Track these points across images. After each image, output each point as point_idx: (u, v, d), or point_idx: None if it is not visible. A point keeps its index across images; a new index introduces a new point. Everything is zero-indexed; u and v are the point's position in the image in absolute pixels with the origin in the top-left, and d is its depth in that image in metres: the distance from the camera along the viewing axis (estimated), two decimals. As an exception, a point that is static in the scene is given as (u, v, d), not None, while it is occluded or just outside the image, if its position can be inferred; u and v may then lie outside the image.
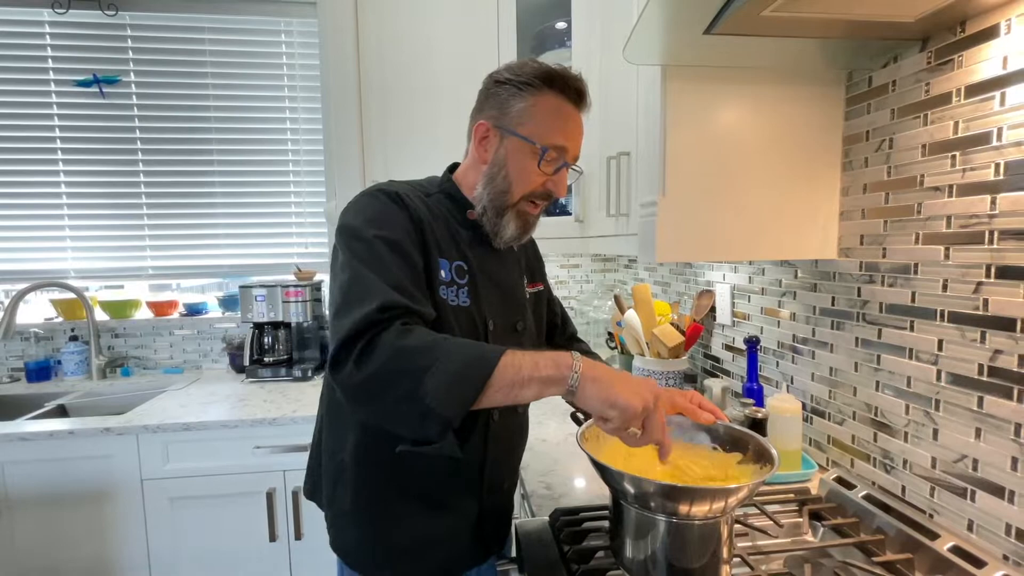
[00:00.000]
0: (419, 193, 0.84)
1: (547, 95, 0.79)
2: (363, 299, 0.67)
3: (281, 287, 1.90)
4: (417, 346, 0.64)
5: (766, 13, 0.69)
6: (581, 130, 0.83)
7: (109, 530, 1.48)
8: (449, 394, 0.61)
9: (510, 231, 0.83)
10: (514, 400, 0.65)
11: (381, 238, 0.73)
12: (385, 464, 0.81)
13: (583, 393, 0.63)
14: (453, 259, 0.81)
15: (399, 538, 0.83)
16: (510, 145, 0.81)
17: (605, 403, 0.62)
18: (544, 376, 0.64)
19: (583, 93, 0.81)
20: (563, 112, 0.80)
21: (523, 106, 0.80)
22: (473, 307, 0.81)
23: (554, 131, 0.79)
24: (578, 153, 0.84)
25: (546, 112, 0.79)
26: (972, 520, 0.75)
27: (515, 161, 0.81)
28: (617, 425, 0.63)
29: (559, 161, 0.81)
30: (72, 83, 2.00)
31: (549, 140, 0.79)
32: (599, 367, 0.66)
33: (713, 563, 0.66)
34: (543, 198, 0.83)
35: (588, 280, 2.26)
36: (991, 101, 0.71)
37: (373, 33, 1.65)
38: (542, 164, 0.80)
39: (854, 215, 0.95)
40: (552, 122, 0.80)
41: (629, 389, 0.62)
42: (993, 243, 0.71)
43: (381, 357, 0.63)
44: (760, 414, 1.02)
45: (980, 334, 0.73)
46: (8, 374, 1.99)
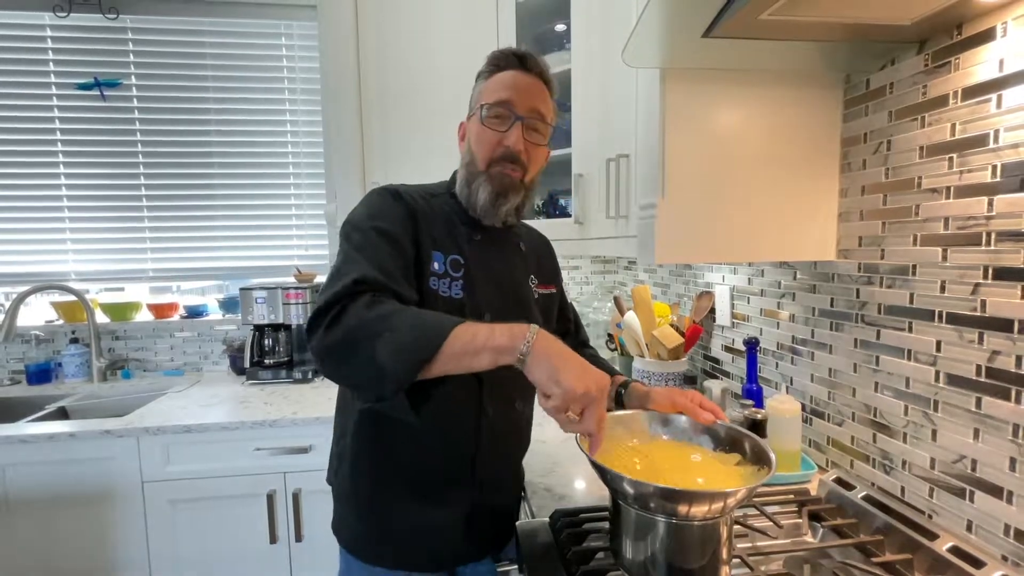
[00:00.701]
0: (424, 194, 0.88)
1: (495, 75, 0.86)
2: (344, 274, 0.72)
3: (281, 289, 1.90)
4: (381, 313, 0.68)
5: (764, 17, 0.69)
6: (530, 86, 0.85)
7: (109, 532, 1.48)
8: (401, 356, 0.65)
9: (483, 196, 0.85)
10: (468, 368, 0.67)
11: (375, 228, 0.78)
12: (381, 450, 0.84)
13: (531, 364, 0.64)
14: (449, 252, 0.84)
15: (392, 524, 0.85)
16: (470, 124, 0.89)
17: (550, 379, 0.63)
18: (497, 345, 0.65)
19: (525, 57, 0.85)
20: (506, 77, 0.85)
21: (477, 92, 0.88)
22: (466, 299, 0.83)
23: (494, 92, 0.84)
24: (533, 108, 0.85)
25: (489, 86, 0.86)
26: (971, 520, 0.75)
27: (472, 132, 0.88)
28: (557, 404, 0.63)
29: (506, 116, 0.83)
30: (73, 86, 2.00)
31: (488, 99, 0.84)
32: (556, 344, 0.66)
33: (713, 564, 0.66)
34: (506, 159, 0.84)
35: (588, 282, 2.26)
36: (988, 103, 0.71)
37: (373, 37, 1.65)
38: (485, 120, 0.84)
39: (852, 216, 0.95)
40: (493, 88, 0.85)
41: (574, 371, 0.63)
42: (991, 244, 0.71)
43: (348, 323, 0.67)
44: (760, 415, 1.02)
45: (978, 335, 0.73)
46: (9, 376, 1.99)
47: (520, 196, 0.87)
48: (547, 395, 0.64)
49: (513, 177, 0.85)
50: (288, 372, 1.93)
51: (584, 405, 0.63)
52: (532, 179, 0.89)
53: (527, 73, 0.85)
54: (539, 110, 0.85)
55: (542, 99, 0.86)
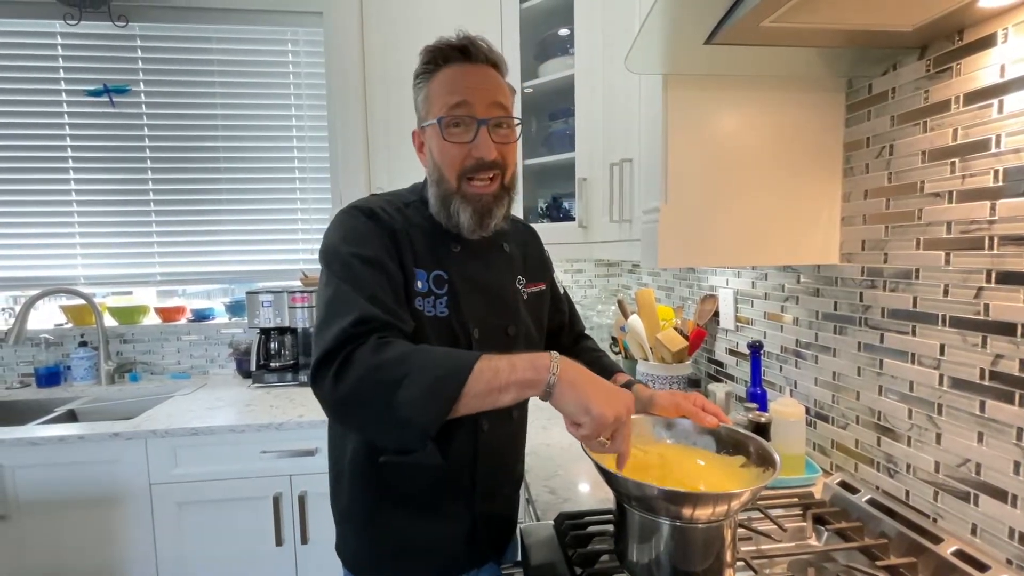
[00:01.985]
0: (397, 204, 0.83)
1: (437, 74, 0.78)
2: (341, 314, 0.68)
3: (287, 293, 1.92)
4: (392, 358, 0.64)
5: (766, 23, 0.70)
6: (485, 79, 0.78)
7: (117, 534, 1.50)
8: (424, 404, 0.62)
9: (466, 219, 0.79)
10: (493, 404, 0.64)
11: (356, 255, 0.74)
12: (379, 470, 0.82)
13: (559, 396, 0.63)
14: (431, 269, 0.80)
15: (394, 542, 0.84)
16: (428, 138, 0.82)
17: (580, 409, 0.61)
18: (521, 379, 0.63)
19: (466, 47, 0.77)
20: (450, 77, 0.77)
21: (422, 97, 0.81)
22: (452, 317, 0.80)
23: (444, 97, 0.77)
24: (494, 102, 0.77)
25: (437, 89, 0.78)
26: (976, 524, 0.75)
27: (434, 148, 0.80)
28: (588, 432, 0.62)
29: (469, 123, 0.76)
30: (83, 93, 2.03)
31: (441, 109, 0.77)
32: (578, 370, 0.65)
33: (717, 567, 0.66)
34: (479, 169, 0.78)
35: (592, 285, 2.27)
36: (989, 108, 0.72)
37: (378, 42, 1.67)
38: (446, 134, 0.77)
39: (855, 220, 0.96)
40: (441, 93, 0.77)
41: (604, 399, 0.62)
42: (993, 248, 0.72)
43: (358, 372, 0.64)
44: (763, 418, 1.02)
45: (981, 339, 0.74)
46: (18, 379, 2.01)
47: (504, 205, 0.82)
48: (577, 424, 0.62)
49: (491, 192, 0.79)
50: (294, 375, 1.94)
51: (615, 429, 0.63)
52: (511, 177, 0.83)
53: (474, 64, 0.78)
54: (500, 102, 0.78)
55: (498, 89, 0.78)
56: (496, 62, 0.81)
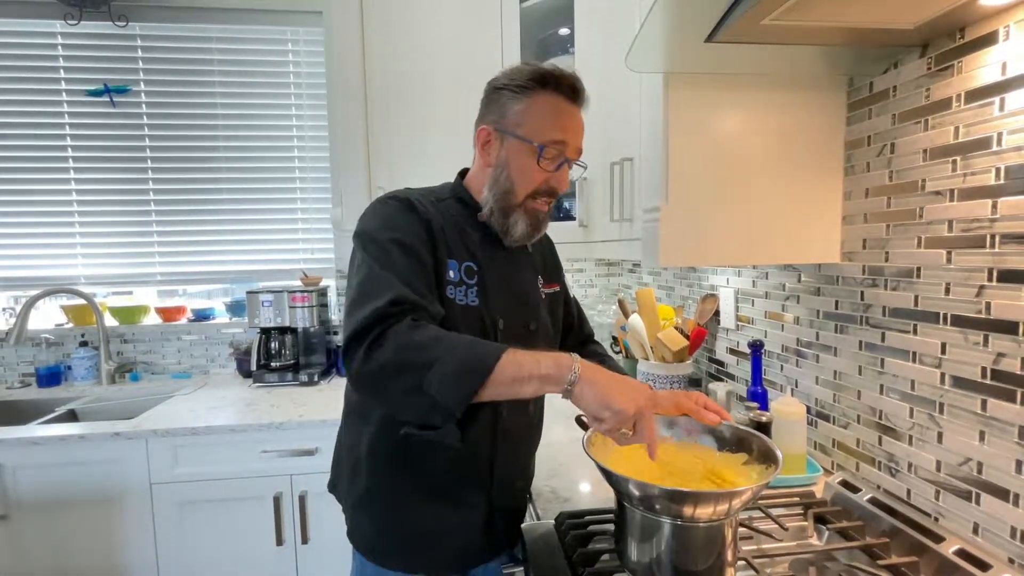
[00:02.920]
0: (431, 199, 0.87)
1: (541, 95, 0.82)
2: (376, 294, 0.71)
3: (288, 293, 1.92)
4: (424, 340, 0.67)
5: (766, 21, 0.70)
6: (579, 125, 0.85)
7: (118, 534, 1.50)
8: (452, 387, 0.65)
9: (519, 230, 0.85)
10: (514, 395, 0.68)
11: (394, 240, 0.77)
12: (398, 457, 0.84)
13: (580, 393, 0.66)
14: (463, 260, 0.84)
15: (410, 529, 0.86)
16: (510, 147, 0.84)
17: (600, 405, 0.65)
18: (544, 374, 0.67)
19: (578, 89, 0.83)
20: (558, 109, 0.82)
21: (520, 108, 0.83)
22: (482, 306, 0.83)
23: (550, 128, 0.81)
24: (579, 147, 0.85)
25: (542, 111, 0.82)
26: (977, 523, 0.75)
27: (516, 161, 0.83)
28: (610, 426, 0.66)
29: (559, 157, 0.83)
30: (83, 93, 2.03)
31: (546, 137, 0.81)
32: (597, 370, 0.68)
33: (718, 566, 0.66)
34: (547, 195, 0.85)
35: (592, 284, 2.27)
36: (991, 106, 0.72)
37: (378, 42, 1.67)
38: (541, 161, 0.82)
39: (856, 219, 0.95)
40: (548, 120, 0.82)
41: (624, 393, 0.65)
42: (995, 247, 0.72)
43: (390, 349, 0.67)
44: (764, 418, 1.02)
45: (983, 337, 0.73)
46: (19, 379, 2.01)
47: (548, 222, 0.90)
48: (599, 419, 0.66)
49: (548, 211, 0.87)
50: (294, 375, 1.94)
51: (636, 421, 0.66)
52: None
53: (577, 108, 0.84)
54: (581, 148, 0.85)
55: (583, 134, 0.86)
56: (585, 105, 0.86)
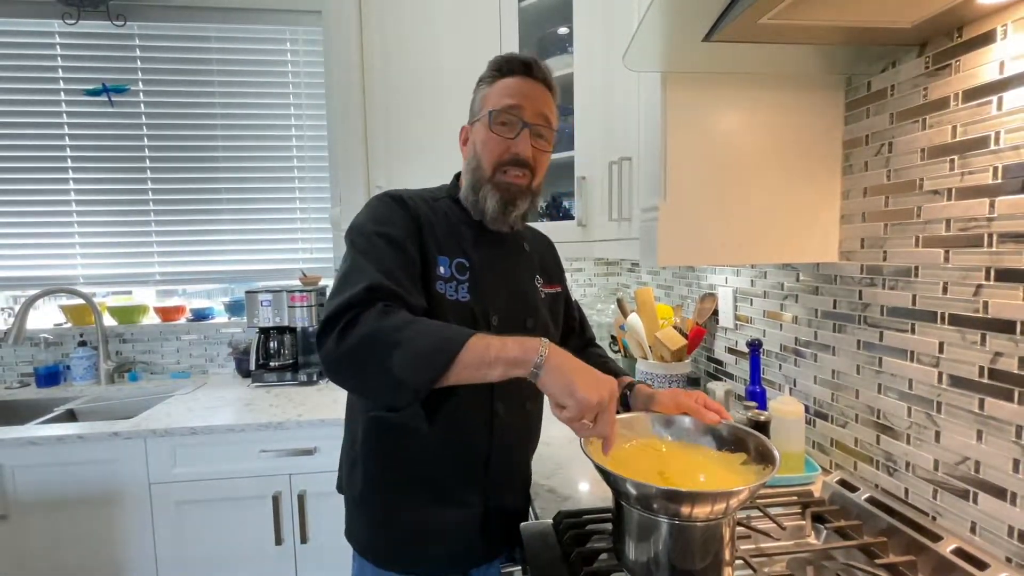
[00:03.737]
0: (425, 197, 0.89)
1: (499, 81, 0.86)
2: (353, 282, 0.73)
3: (287, 292, 1.92)
4: (392, 324, 0.69)
5: (763, 20, 0.69)
6: (537, 93, 0.86)
7: (117, 533, 1.50)
8: (417, 368, 0.66)
9: (491, 206, 0.86)
10: (482, 378, 0.68)
11: (380, 233, 0.79)
12: (393, 455, 0.85)
13: (545, 378, 0.66)
14: (454, 256, 0.85)
15: (406, 528, 0.86)
16: (475, 130, 0.89)
17: (564, 391, 0.65)
18: (510, 357, 0.67)
19: (531, 64, 0.86)
20: (512, 84, 0.85)
21: (481, 96, 0.88)
22: (473, 302, 0.84)
23: (501, 98, 0.85)
24: (540, 112, 0.86)
25: (495, 91, 0.86)
26: (975, 522, 0.75)
27: (479, 138, 0.87)
28: (572, 414, 0.65)
29: (515, 122, 0.84)
30: (81, 92, 2.03)
31: (496, 105, 0.84)
32: (566, 356, 0.68)
33: (715, 565, 0.66)
34: (513, 164, 0.85)
35: (591, 284, 2.26)
36: (988, 105, 0.72)
37: (377, 42, 1.67)
38: (493, 127, 0.84)
39: (855, 218, 0.95)
40: (499, 94, 0.85)
41: (588, 383, 0.65)
42: (992, 246, 0.71)
43: (359, 333, 0.68)
44: (763, 417, 1.02)
45: (980, 336, 0.73)
46: (18, 379, 2.01)
47: (527, 202, 0.89)
48: (562, 406, 0.66)
49: (520, 184, 0.86)
50: (293, 374, 1.94)
51: (597, 412, 0.65)
52: (538, 184, 0.90)
53: (533, 80, 0.86)
54: (546, 115, 0.86)
55: (548, 105, 0.87)
56: (552, 85, 0.89)
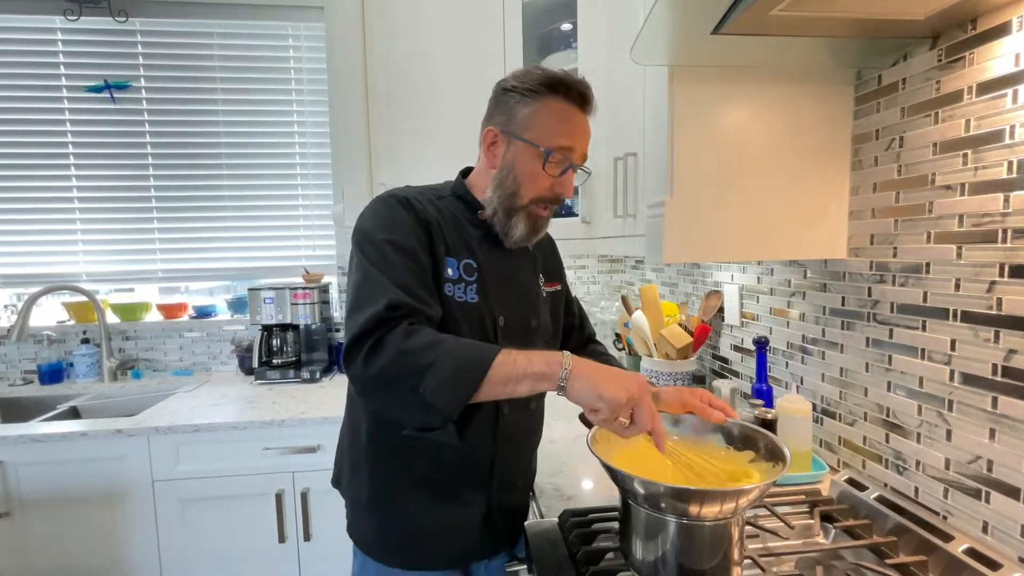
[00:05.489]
0: (431, 196, 0.87)
1: (551, 100, 0.81)
2: (373, 299, 0.72)
3: (289, 289, 1.91)
4: (419, 345, 0.69)
5: (774, 12, 0.68)
6: (587, 132, 0.84)
7: (120, 531, 1.50)
8: (447, 390, 0.67)
9: (519, 232, 0.85)
10: (510, 394, 0.70)
11: (389, 242, 0.77)
12: (397, 453, 0.85)
13: (572, 387, 0.68)
14: (462, 258, 0.84)
15: (409, 525, 0.86)
16: (516, 149, 0.83)
17: (593, 395, 0.66)
18: (537, 372, 0.69)
19: (587, 96, 0.83)
20: (567, 115, 0.82)
21: (528, 112, 0.82)
22: (482, 303, 0.83)
23: (558, 133, 0.81)
24: (585, 153, 0.85)
25: (550, 116, 0.81)
26: (987, 522, 0.74)
27: (522, 165, 0.83)
28: (606, 416, 0.66)
29: (564, 163, 0.82)
30: (83, 89, 2.02)
31: (553, 142, 0.81)
32: (590, 365, 0.69)
33: (724, 565, 0.66)
34: (551, 201, 0.85)
35: (595, 281, 2.25)
36: (1003, 99, 0.70)
37: (379, 37, 1.65)
38: (547, 166, 0.82)
39: (864, 214, 0.94)
40: (556, 125, 0.81)
41: (613, 381, 0.67)
42: (1006, 242, 0.70)
43: (387, 356, 0.68)
44: (770, 415, 1.01)
45: (994, 334, 0.72)
46: (21, 376, 2.02)
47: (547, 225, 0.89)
48: (594, 410, 0.67)
49: (547, 215, 0.87)
50: (296, 372, 1.94)
51: (631, 408, 0.67)
52: None
53: (585, 113, 0.83)
54: (587, 155, 0.85)
55: (589, 141, 0.85)
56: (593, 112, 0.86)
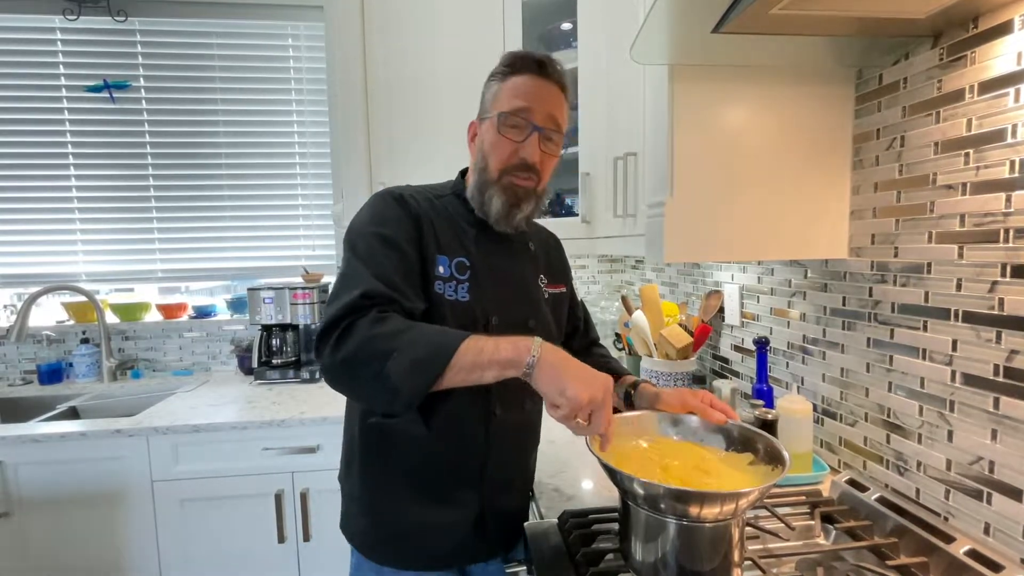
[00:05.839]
0: (429, 195, 0.87)
1: (511, 78, 0.83)
2: (349, 288, 0.73)
3: (289, 289, 1.91)
4: (387, 331, 0.69)
5: (775, 11, 0.68)
6: (549, 95, 0.83)
7: (120, 531, 1.49)
8: (411, 375, 0.67)
9: (496, 207, 0.84)
10: (477, 380, 0.69)
11: (377, 235, 0.78)
12: (389, 455, 0.84)
13: (538, 377, 0.66)
14: (455, 256, 0.83)
15: (400, 524, 0.86)
16: (483, 129, 0.86)
17: (556, 390, 0.65)
18: (503, 359, 0.67)
19: (544, 63, 0.83)
20: (523, 83, 0.82)
21: (491, 93, 0.85)
22: (473, 302, 0.83)
23: (512, 98, 0.82)
24: (551, 115, 0.83)
25: (508, 89, 0.83)
26: (989, 523, 0.74)
27: (487, 139, 0.85)
28: (565, 413, 0.65)
29: (524, 125, 0.81)
30: (83, 88, 2.02)
31: (507, 106, 0.82)
32: (559, 355, 0.68)
33: (724, 566, 0.65)
34: (521, 168, 0.83)
35: (595, 281, 2.25)
36: (1005, 98, 0.70)
37: (379, 36, 1.65)
38: (503, 129, 0.82)
39: (865, 214, 0.94)
40: (512, 93, 0.82)
41: (580, 381, 0.65)
42: (1008, 241, 0.70)
43: (355, 341, 0.68)
44: (770, 415, 1.01)
45: (996, 334, 0.72)
46: (21, 376, 2.01)
47: (532, 204, 0.87)
48: (555, 406, 0.66)
49: (527, 186, 0.84)
50: (296, 372, 1.93)
51: (591, 410, 0.65)
52: (543, 187, 0.88)
53: (546, 79, 0.83)
54: (556, 118, 0.84)
55: (559, 107, 0.84)
56: (565, 85, 0.86)
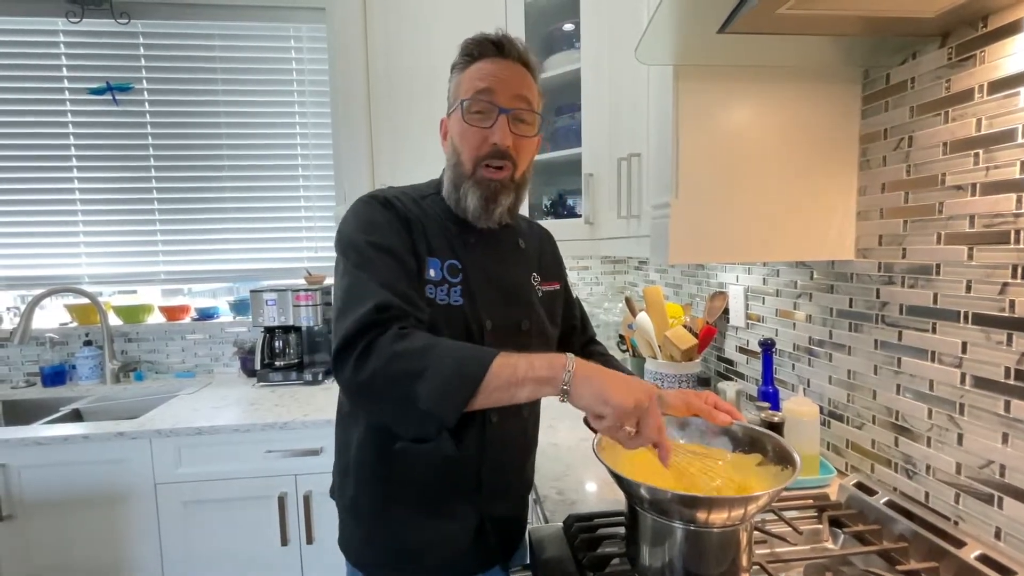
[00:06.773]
0: (414, 196, 0.85)
1: (472, 65, 0.81)
2: (360, 301, 0.70)
3: (291, 291, 1.90)
4: (413, 349, 0.66)
5: (781, 11, 0.67)
6: (511, 75, 0.79)
7: (123, 533, 1.49)
8: (443, 397, 0.64)
9: (472, 203, 0.81)
10: (509, 400, 0.66)
11: (372, 243, 0.75)
12: (385, 463, 0.82)
13: (576, 391, 0.63)
14: (445, 258, 0.81)
15: (397, 538, 0.84)
16: (452, 122, 0.83)
17: (598, 400, 0.62)
18: (538, 376, 0.64)
19: (502, 43, 0.80)
20: (484, 67, 0.79)
21: (454, 85, 0.83)
22: (466, 306, 0.80)
23: (473, 83, 0.79)
24: (518, 95, 0.79)
25: (469, 77, 0.80)
26: (1000, 528, 0.73)
27: (455, 130, 0.82)
28: (611, 423, 0.62)
29: (490, 109, 0.78)
30: (85, 91, 2.02)
31: (467, 92, 0.79)
32: (593, 367, 0.65)
33: (732, 571, 0.65)
34: (493, 156, 0.79)
35: (598, 282, 2.24)
36: (1015, 97, 0.69)
37: (381, 38, 1.65)
38: (467, 116, 0.79)
39: (872, 215, 0.93)
40: (471, 79, 0.80)
41: (622, 387, 0.62)
42: (1019, 243, 0.69)
43: (378, 361, 0.66)
44: (776, 418, 1.00)
45: (1006, 336, 0.71)
46: (24, 379, 2.01)
47: (511, 196, 0.83)
48: (599, 416, 0.63)
49: (501, 179, 0.80)
50: (299, 374, 1.93)
51: (638, 417, 0.62)
52: (523, 173, 0.84)
53: (506, 59, 0.79)
54: (524, 96, 0.80)
55: (525, 85, 0.80)
56: (528, 62, 0.82)
